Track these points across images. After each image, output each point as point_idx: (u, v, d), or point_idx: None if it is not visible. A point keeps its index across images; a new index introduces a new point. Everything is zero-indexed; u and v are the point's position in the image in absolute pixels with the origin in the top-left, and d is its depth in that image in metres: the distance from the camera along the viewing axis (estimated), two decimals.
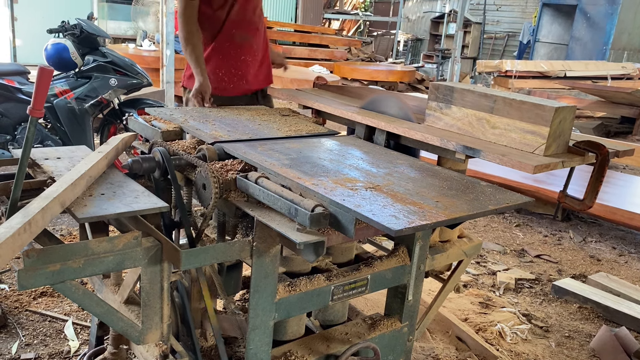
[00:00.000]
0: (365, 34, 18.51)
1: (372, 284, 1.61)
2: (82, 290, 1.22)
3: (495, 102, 1.73)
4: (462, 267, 2.02)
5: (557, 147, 1.65)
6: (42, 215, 1.07)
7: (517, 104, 1.67)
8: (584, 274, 3.46)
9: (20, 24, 9.31)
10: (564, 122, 1.63)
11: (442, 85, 1.90)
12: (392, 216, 1.18)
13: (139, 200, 1.30)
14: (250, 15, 2.58)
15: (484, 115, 1.75)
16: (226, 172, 1.49)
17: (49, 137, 3.84)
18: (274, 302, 1.43)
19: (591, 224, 4.44)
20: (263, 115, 2.17)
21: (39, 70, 1.12)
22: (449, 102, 1.86)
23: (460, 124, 1.83)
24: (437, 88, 1.90)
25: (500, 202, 1.37)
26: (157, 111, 2.04)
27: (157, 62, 6.60)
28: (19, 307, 2.48)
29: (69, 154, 1.61)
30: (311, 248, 1.27)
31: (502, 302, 2.96)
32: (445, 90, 1.87)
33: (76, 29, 3.84)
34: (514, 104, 1.68)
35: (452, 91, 1.85)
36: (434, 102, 1.91)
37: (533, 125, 1.62)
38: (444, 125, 1.87)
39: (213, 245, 1.34)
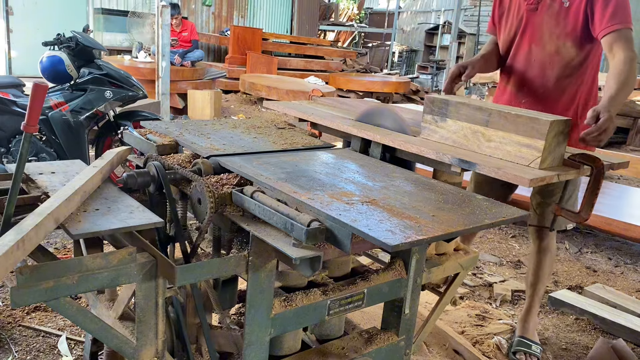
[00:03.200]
0: (361, 46, 18.61)
1: (368, 298, 1.60)
2: (75, 306, 1.21)
3: (490, 116, 1.73)
4: (459, 279, 2.01)
5: (553, 160, 1.65)
6: (35, 232, 1.06)
7: (512, 117, 1.67)
8: (580, 285, 3.45)
9: (16, 35, 9.32)
10: (559, 135, 1.64)
11: (438, 99, 1.89)
12: (388, 231, 1.18)
13: (134, 215, 1.30)
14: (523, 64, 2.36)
15: (479, 128, 1.76)
16: (222, 186, 1.49)
17: (43, 149, 3.82)
18: (269, 318, 1.41)
19: (587, 234, 4.45)
20: (259, 128, 2.17)
21: (33, 86, 1.11)
22: (444, 116, 1.86)
23: (455, 137, 1.83)
24: (433, 101, 1.90)
25: (496, 216, 1.36)
26: (152, 124, 2.04)
27: (153, 74, 6.63)
28: (12, 322, 2.46)
29: (64, 169, 1.60)
30: (307, 263, 1.26)
31: (499, 314, 2.95)
32: (440, 103, 1.87)
33: (71, 41, 3.84)
34: (509, 117, 1.68)
35: (447, 104, 1.85)
36: (429, 115, 1.91)
37: (528, 138, 1.62)
38: (439, 138, 1.87)
39: (208, 261, 1.33)
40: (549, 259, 2.51)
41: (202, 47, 10.81)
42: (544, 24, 2.21)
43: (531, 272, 2.55)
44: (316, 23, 15.21)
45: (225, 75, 9.92)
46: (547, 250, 2.49)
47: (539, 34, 2.23)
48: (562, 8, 2.16)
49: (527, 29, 2.26)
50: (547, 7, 2.20)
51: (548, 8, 2.19)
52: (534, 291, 2.56)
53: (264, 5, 13.46)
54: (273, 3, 13.67)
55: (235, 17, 12.78)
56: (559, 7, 2.16)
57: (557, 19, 2.17)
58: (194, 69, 8.42)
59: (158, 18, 5.82)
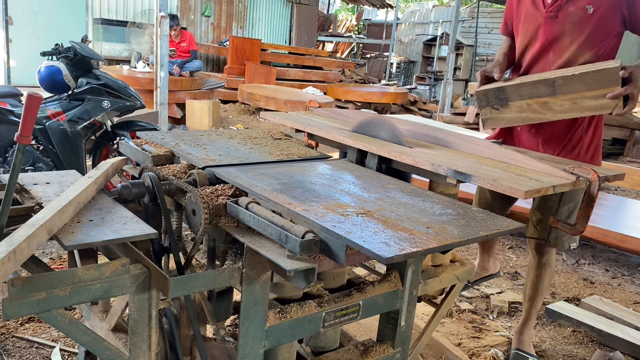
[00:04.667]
0: (359, 56, 18.70)
1: (364, 309, 1.59)
2: (68, 318, 1.20)
3: (554, 84, 1.90)
4: (455, 291, 2.00)
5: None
6: (27, 244, 1.05)
7: (578, 77, 1.82)
8: (577, 297, 3.44)
9: (15, 45, 9.33)
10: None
11: (490, 89, 2.04)
12: (382, 243, 1.18)
13: (128, 226, 1.29)
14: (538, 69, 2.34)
15: (547, 99, 1.91)
16: (217, 197, 1.48)
17: (40, 159, 3.82)
18: (264, 330, 1.41)
19: (584, 246, 4.44)
20: (255, 139, 2.17)
21: (27, 97, 1.11)
22: (504, 101, 2.01)
23: (524, 115, 1.99)
24: (486, 94, 2.01)
25: (491, 228, 1.36)
26: (148, 135, 2.04)
27: (151, 84, 6.63)
28: (5, 333, 2.44)
29: (58, 179, 1.59)
30: (302, 275, 1.26)
31: (496, 326, 2.94)
32: (495, 92, 2.02)
33: (70, 51, 3.85)
34: (574, 78, 1.83)
35: (503, 90, 2.00)
36: (487, 108, 2.05)
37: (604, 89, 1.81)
38: (508, 122, 2.04)
39: (202, 273, 1.33)
40: (548, 274, 2.50)
41: (201, 57, 10.85)
42: (565, 32, 2.18)
43: (529, 286, 2.54)
44: (315, 34, 15.29)
45: (224, 86, 9.94)
46: (546, 265, 2.48)
47: (560, 43, 2.20)
48: (585, 16, 2.12)
49: (546, 36, 2.23)
50: (568, 14, 2.16)
51: (570, 15, 2.16)
52: (532, 305, 2.55)
53: (263, 16, 13.53)
54: (272, 14, 13.75)
55: (234, 28, 12.84)
56: (583, 14, 2.12)
57: (580, 27, 2.14)
58: (192, 79, 8.44)
59: (157, 28, 5.84)
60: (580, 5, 2.13)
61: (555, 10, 2.19)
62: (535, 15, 2.26)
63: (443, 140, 2.05)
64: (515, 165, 1.79)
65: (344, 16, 23.05)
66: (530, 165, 1.76)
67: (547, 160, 1.88)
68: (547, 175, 1.68)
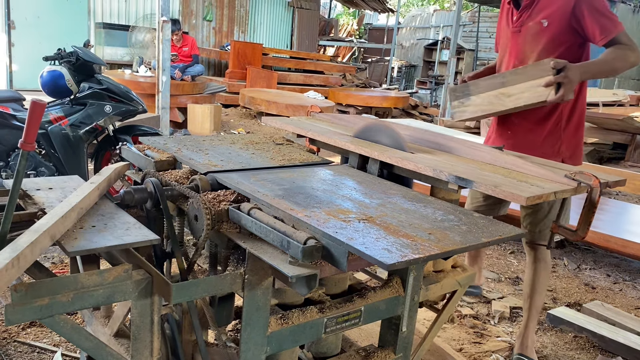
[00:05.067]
0: (360, 61, 18.73)
1: (365, 315, 1.59)
2: (70, 324, 1.21)
3: (504, 77, 2.31)
4: (457, 297, 2.00)
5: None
6: (31, 250, 1.06)
7: (521, 70, 2.26)
8: (578, 302, 3.44)
9: (17, 49, 9.37)
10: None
11: (458, 87, 2.49)
12: (384, 249, 1.18)
13: (130, 232, 1.29)
14: None
15: (500, 90, 2.31)
16: (219, 202, 1.49)
17: (42, 163, 3.83)
18: (265, 336, 1.41)
19: (585, 251, 4.44)
20: (257, 144, 2.18)
21: (31, 104, 1.12)
22: (468, 95, 2.43)
23: (483, 107, 2.38)
24: (455, 90, 2.48)
25: (493, 234, 1.36)
26: (150, 140, 2.04)
27: (153, 88, 6.66)
28: (7, 337, 2.44)
29: (61, 184, 1.60)
30: (304, 281, 1.26)
31: (497, 332, 2.93)
32: (461, 88, 2.47)
33: (72, 56, 3.86)
34: (518, 71, 2.27)
35: (467, 86, 2.45)
36: (456, 101, 2.48)
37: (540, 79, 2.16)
38: (471, 113, 2.44)
39: (204, 279, 1.33)
40: (543, 268, 2.55)
41: (202, 61, 10.88)
42: (526, 43, 2.45)
43: (527, 284, 2.60)
44: (316, 38, 15.33)
45: (225, 90, 9.96)
46: (541, 260, 2.55)
47: (522, 53, 2.47)
48: (543, 28, 2.40)
49: (513, 50, 2.51)
50: (528, 28, 2.44)
51: (529, 29, 2.43)
52: (531, 304, 2.58)
53: (264, 21, 13.57)
54: (273, 18, 13.79)
55: (235, 32, 12.87)
56: (539, 28, 2.40)
57: (537, 39, 2.41)
58: (194, 83, 8.47)
59: (159, 33, 5.86)
60: (537, 19, 2.41)
61: (519, 26, 2.48)
62: (506, 31, 2.56)
63: (444, 146, 2.05)
64: (516, 171, 1.79)
65: (345, 20, 23.09)
66: (531, 171, 1.76)
67: (548, 167, 1.89)
68: (548, 182, 1.68)
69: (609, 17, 2.31)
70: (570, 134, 2.44)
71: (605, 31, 2.28)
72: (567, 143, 2.44)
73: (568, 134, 2.44)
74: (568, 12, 2.32)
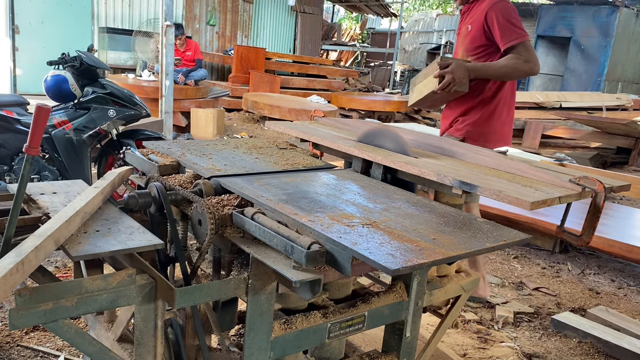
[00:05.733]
0: (363, 65, 18.75)
1: (369, 320, 1.59)
2: (74, 329, 1.20)
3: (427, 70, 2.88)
4: (460, 302, 1.99)
5: None
6: (35, 255, 1.06)
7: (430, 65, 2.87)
8: (583, 308, 3.42)
9: (21, 54, 9.41)
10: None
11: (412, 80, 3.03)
12: (389, 254, 1.18)
13: (134, 237, 1.29)
14: None
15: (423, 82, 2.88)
16: (222, 207, 1.49)
17: (46, 167, 3.83)
18: (269, 341, 1.40)
19: (589, 256, 4.42)
20: (260, 148, 2.18)
21: (35, 108, 1.12)
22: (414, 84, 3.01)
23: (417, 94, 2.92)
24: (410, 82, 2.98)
25: (497, 240, 1.36)
26: (154, 145, 2.04)
27: (156, 92, 6.67)
28: (10, 342, 2.44)
29: (65, 189, 1.60)
30: (307, 286, 1.26)
31: (501, 337, 2.92)
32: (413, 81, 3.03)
33: (76, 60, 3.88)
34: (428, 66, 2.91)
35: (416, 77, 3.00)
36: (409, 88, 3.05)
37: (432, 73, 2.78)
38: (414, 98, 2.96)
39: (208, 284, 1.33)
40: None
41: (205, 66, 10.90)
42: (460, 44, 3.02)
43: None
44: (319, 43, 15.35)
45: (228, 94, 9.98)
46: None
47: (458, 52, 3.05)
48: (468, 32, 2.93)
49: (456, 49, 3.12)
50: (461, 32, 3.03)
51: (462, 32, 3.02)
52: None
53: (267, 25, 13.60)
54: (276, 23, 13.82)
55: (239, 37, 12.90)
56: (466, 31, 2.95)
57: (465, 41, 2.96)
58: (197, 87, 8.48)
59: (162, 37, 5.88)
60: (466, 25, 2.96)
61: (459, 29, 3.08)
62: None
63: (448, 151, 2.05)
64: (520, 175, 1.78)
65: (348, 25, 23.13)
66: (536, 176, 1.76)
67: (552, 171, 1.88)
68: (553, 186, 1.68)
69: (515, 27, 2.74)
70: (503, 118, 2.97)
71: (506, 37, 2.72)
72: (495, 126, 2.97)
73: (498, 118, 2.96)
74: (483, 18, 2.80)
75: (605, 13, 12.31)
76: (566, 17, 12.86)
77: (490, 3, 2.79)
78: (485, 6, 2.81)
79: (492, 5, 2.79)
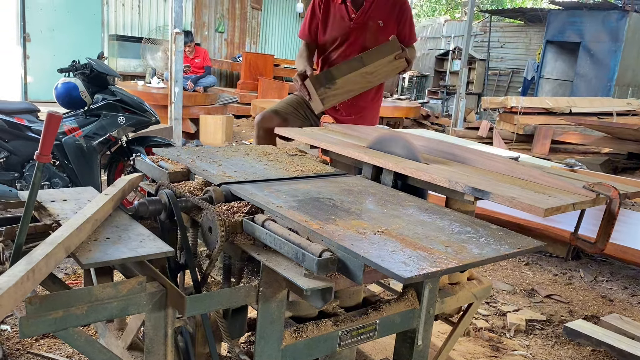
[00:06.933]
0: None
1: (380, 328, 1.57)
2: (84, 337, 1.20)
3: (362, 58, 2.76)
4: (472, 310, 1.97)
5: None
6: (46, 262, 1.05)
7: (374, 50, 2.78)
8: (596, 315, 3.38)
9: (32, 61, 9.50)
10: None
11: (319, 75, 2.81)
12: (401, 262, 1.16)
13: (144, 244, 1.29)
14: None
15: (361, 70, 2.74)
16: (233, 214, 1.48)
17: (56, 174, 3.85)
18: (280, 349, 1.39)
19: (602, 262, 4.37)
20: (270, 155, 2.18)
21: (47, 116, 1.12)
22: (332, 79, 2.73)
23: (349, 87, 2.75)
24: (317, 77, 2.74)
25: (512, 247, 1.34)
26: (164, 151, 2.04)
27: (165, 99, 6.69)
28: (20, 349, 2.44)
29: (75, 196, 1.60)
30: (319, 294, 1.24)
31: (513, 345, 2.88)
32: (324, 75, 2.77)
33: (86, 68, 3.90)
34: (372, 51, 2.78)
35: (330, 72, 2.76)
36: (321, 89, 2.70)
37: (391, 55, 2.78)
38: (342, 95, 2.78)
39: (218, 291, 1.32)
40: None
41: (214, 72, 10.94)
42: (366, 39, 3.07)
43: None
44: None
45: (237, 101, 10.01)
46: None
47: (362, 45, 3.07)
48: (379, 28, 3.06)
49: (353, 40, 3.09)
50: (368, 26, 3.07)
51: (369, 27, 3.07)
52: None
53: (275, 32, 13.65)
54: (285, 30, 13.87)
55: (247, 44, 12.96)
56: (377, 27, 3.06)
57: (376, 35, 3.05)
58: (206, 94, 8.51)
59: (171, 45, 5.90)
60: (375, 20, 3.06)
61: (360, 23, 3.07)
62: (343, 24, 3.09)
63: (460, 157, 2.03)
64: (533, 182, 1.76)
65: None
66: (549, 182, 1.73)
67: (565, 177, 1.86)
68: (566, 193, 1.65)
69: (414, 28, 3.20)
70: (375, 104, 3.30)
71: (413, 36, 3.19)
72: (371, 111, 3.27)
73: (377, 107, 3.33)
74: (395, 17, 3.07)
75: (615, 18, 12.24)
76: (575, 22, 12.80)
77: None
78: (395, 1, 3.07)
79: (404, 2, 3.10)
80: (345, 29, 3.09)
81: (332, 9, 3.13)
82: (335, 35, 3.12)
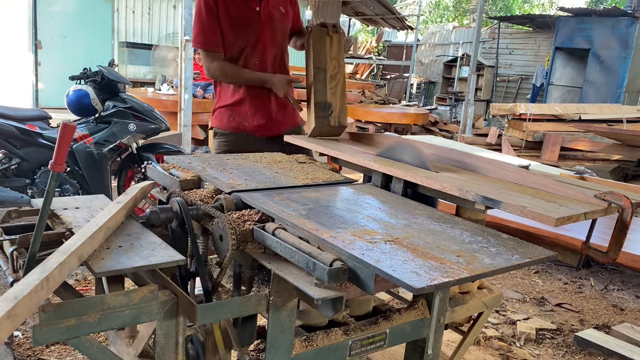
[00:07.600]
0: (379, 78, 18.76)
1: (390, 338, 1.57)
2: (96, 345, 1.20)
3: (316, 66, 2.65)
4: (483, 319, 1.96)
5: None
6: (59, 271, 1.06)
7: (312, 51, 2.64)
8: (607, 325, 3.35)
9: (44, 68, 9.60)
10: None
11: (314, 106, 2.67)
12: (413, 272, 1.16)
13: (156, 252, 1.29)
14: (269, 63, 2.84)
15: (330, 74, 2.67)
16: (243, 222, 1.48)
17: (67, 181, 3.88)
18: (290, 358, 1.39)
19: (612, 271, 4.33)
20: (280, 162, 2.18)
21: (61, 126, 1.13)
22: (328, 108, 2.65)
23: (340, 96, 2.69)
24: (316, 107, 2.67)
25: (523, 257, 1.33)
26: (175, 159, 2.05)
27: (175, 106, 6.73)
28: (31, 355, 2.45)
29: (88, 204, 1.61)
30: (329, 304, 1.24)
31: (523, 354, 2.86)
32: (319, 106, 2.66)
33: (97, 75, 3.94)
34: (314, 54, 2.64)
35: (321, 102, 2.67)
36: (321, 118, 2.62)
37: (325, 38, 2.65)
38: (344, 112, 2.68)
39: (229, 300, 1.32)
40: None
41: None
42: (276, 31, 2.81)
43: None
44: None
45: None
46: None
47: (274, 39, 2.81)
48: (282, 15, 2.83)
49: (266, 37, 2.77)
50: (274, 15, 2.80)
51: (275, 16, 2.80)
52: None
53: None
54: None
55: None
56: (280, 14, 2.82)
57: (282, 24, 2.83)
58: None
59: (181, 52, 5.95)
60: (277, 7, 2.80)
61: (266, 15, 2.76)
62: (252, 21, 2.73)
63: (470, 165, 2.02)
64: (544, 191, 1.76)
65: (364, 38, 23.21)
66: (560, 191, 1.73)
67: (577, 186, 1.85)
68: (577, 202, 1.65)
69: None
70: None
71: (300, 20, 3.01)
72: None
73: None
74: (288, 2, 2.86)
75: (624, 24, 12.18)
76: (584, 28, 12.75)
77: None
78: None
79: None
80: (256, 25, 2.72)
81: (231, 7, 2.68)
82: (248, 34, 2.72)
